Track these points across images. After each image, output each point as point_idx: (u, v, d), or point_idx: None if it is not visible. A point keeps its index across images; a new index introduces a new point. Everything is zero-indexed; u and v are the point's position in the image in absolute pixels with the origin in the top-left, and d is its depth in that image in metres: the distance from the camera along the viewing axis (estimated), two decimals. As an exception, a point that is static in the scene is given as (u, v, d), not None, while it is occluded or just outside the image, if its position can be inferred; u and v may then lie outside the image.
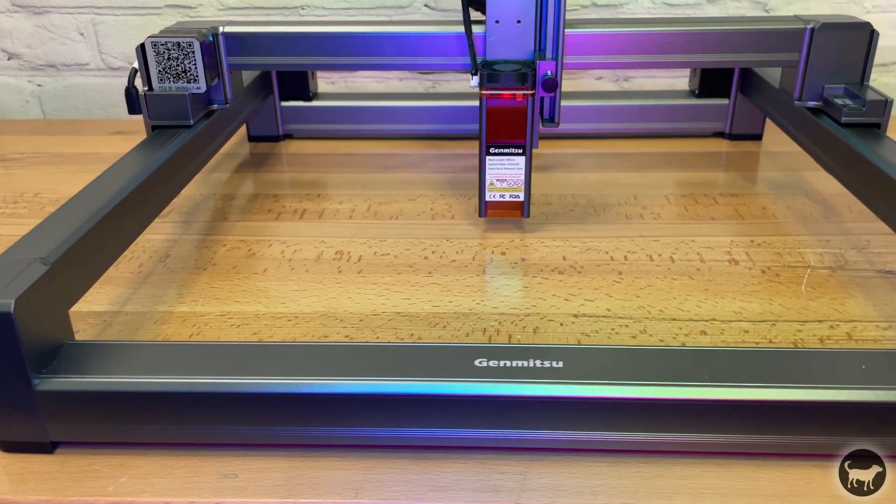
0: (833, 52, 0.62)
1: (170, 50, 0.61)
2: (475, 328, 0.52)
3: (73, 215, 0.47)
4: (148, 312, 0.54)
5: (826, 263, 0.59)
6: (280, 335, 0.51)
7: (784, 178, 0.75)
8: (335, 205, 0.71)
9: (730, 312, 0.53)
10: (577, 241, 0.63)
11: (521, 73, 0.59)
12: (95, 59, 0.99)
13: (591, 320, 0.52)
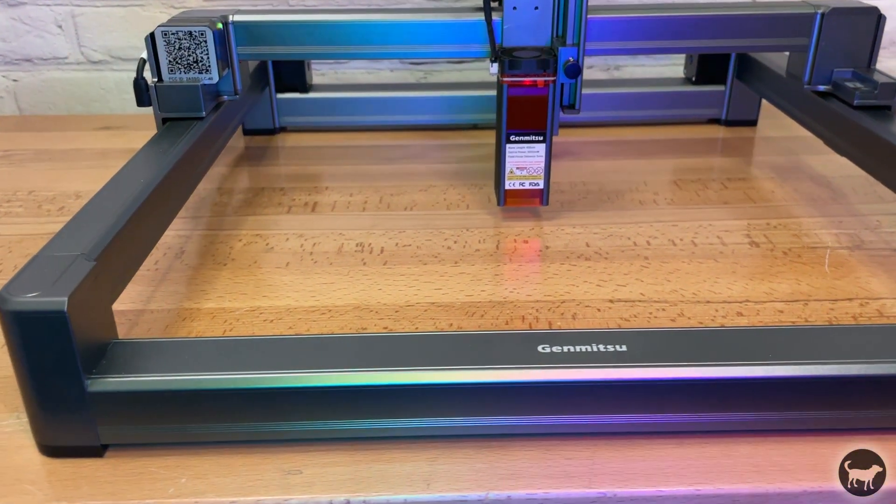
0: (842, 36, 0.63)
1: (181, 39, 0.59)
2: (513, 316, 0.51)
3: (105, 210, 0.45)
4: (174, 309, 0.52)
5: (843, 244, 0.60)
6: (317, 329, 0.50)
7: (786, 163, 0.76)
8: (346, 197, 0.70)
9: (761, 293, 0.54)
10: (597, 227, 0.63)
11: (542, 60, 0.59)
12: (75, 53, 0.96)
13: (628, 305, 0.52)
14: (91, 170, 0.77)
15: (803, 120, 0.68)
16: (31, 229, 0.64)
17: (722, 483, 0.38)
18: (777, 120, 0.87)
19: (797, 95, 0.68)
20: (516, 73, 0.59)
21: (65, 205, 0.69)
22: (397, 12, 0.64)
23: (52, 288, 0.37)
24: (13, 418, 0.42)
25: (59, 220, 0.65)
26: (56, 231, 0.43)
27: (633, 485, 0.38)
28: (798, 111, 0.68)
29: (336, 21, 0.63)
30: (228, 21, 0.62)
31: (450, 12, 0.64)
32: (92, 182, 0.73)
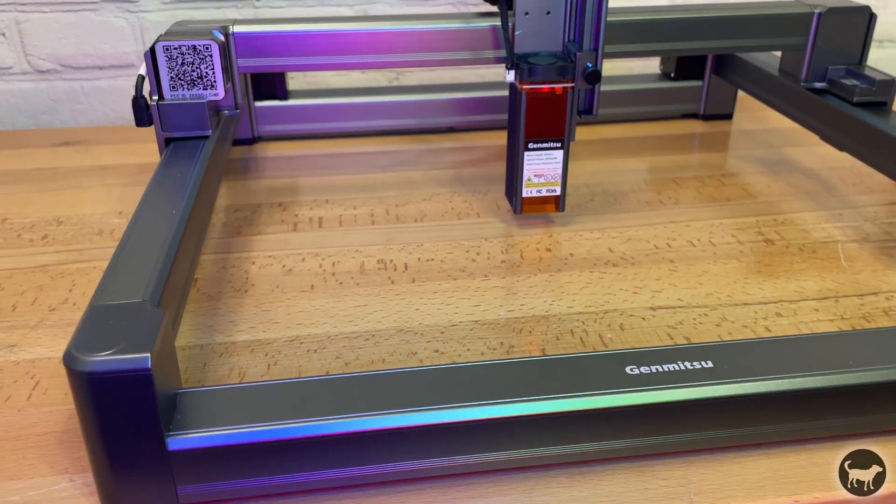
0: (837, 34, 0.65)
1: (184, 54, 0.55)
2: (562, 330, 0.51)
3: (148, 249, 0.42)
4: (207, 345, 0.49)
5: (851, 237, 0.62)
6: (366, 356, 0.48)
7: (772, 156, 0.78)
8: (350, 210, 0.68)
9: (791, 292, 0.55)
10: (614, 231, 0.63)
11: (561, 67, 0.58)
12: (20, 62, 0.89)
13: (670, 312, 0.53)
14: (64, 192, 0.72)
15: (798, 117, 0.70)
16: (17, 262, 0.59)
17: (817, 492, 0.38)
18: (751, 113, 0.89)
19: (792, 92, 0.69)
20: (535, 80, 0.58)
21: (47, 233, 0.64)
22: (406, 20, 0.62)
23: (131, 344, 0.34)
24: (65, 481, 0.39)
25: (46, 251, 0.61)
26: (48, 263, 0.40)
27: (734, 501, 0.38)
28: (793, 108, 0.70)
29: (345, 30, 0.61)
30: (229, 33, 0.59)
31: (459, 19, 0.63)
32: (69, 206, 0.68)
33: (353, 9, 0.91)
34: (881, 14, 1.00)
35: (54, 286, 0.56)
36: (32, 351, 0.49)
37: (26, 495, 0.38)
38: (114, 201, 0.69)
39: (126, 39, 0.89)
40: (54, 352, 0.49)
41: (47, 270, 0.58)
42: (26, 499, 0.38)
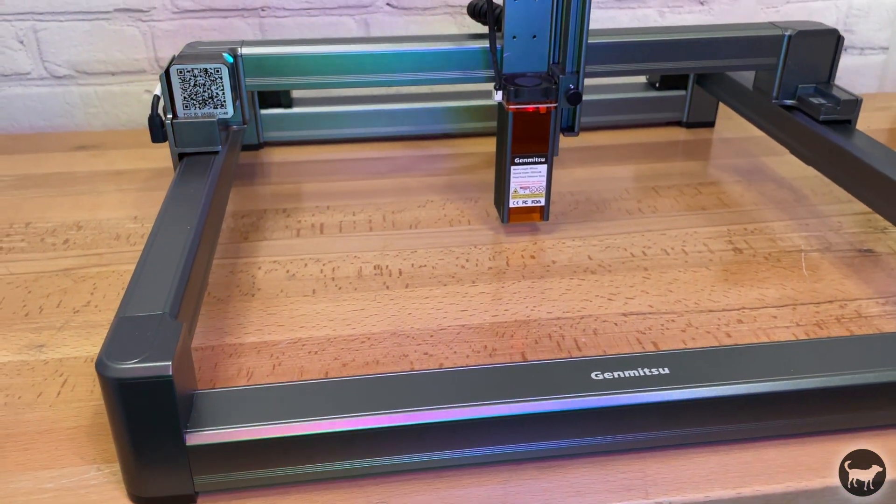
0: (806, 55, 0.70)
1: (196, 76, 0.60)
2: (541, 334, 0.56)
3: (166, 262, 0.47)
4: (218, 346, 0.55)
5: (814, 246, 0.67)
6: (362, 358, 0.53)
7: (748, 165, 0.83)
8: (350, 216, 0.72)
9: (753, 300, 0.60)
10: (594, 239, 0.68)
11: (545, 88, 0.63)
12: (38, 68, 0.93)
13: (640, 318, 0.58)
14: (82, 196, 0.77)
15: (770, 131, 0.74)
16: (41, 266, 0.64)
17: (759, 485, 0.44)
18: (732, 121, 0.93)
19: (764, 108, 0.74)
20: (521, 101, 0.63)
21: (69, 237, 0.69)
22: (403, 41, 0.67)
23: (154, 353, 0.39)
24: (94, 470, 0.44)
25: (68, 254, 0.66)
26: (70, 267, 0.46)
27: (684, 493, 0.43)
28: (766, 123, 0.74)
29: (344, 51, 0.65)
30: (238, 54, 0.64)
31: (453, 41, 0.67)
32: (87, 210, 0.73)
33: (354, 19, 0.95)
34: (863, 22, 1.04)
35: (77, 289, 0.61)
36: (60, 351, 0.54)
37: (59, 483, 0.43)
38: (129, 206, 0.74)
39: (138, 47, 0.93)
40: (79, 352, 0.54)
41: (70, 274, 0.63)
42: (59, 486, 0.43)
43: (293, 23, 0.95)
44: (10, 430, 0.47)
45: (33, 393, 0.50)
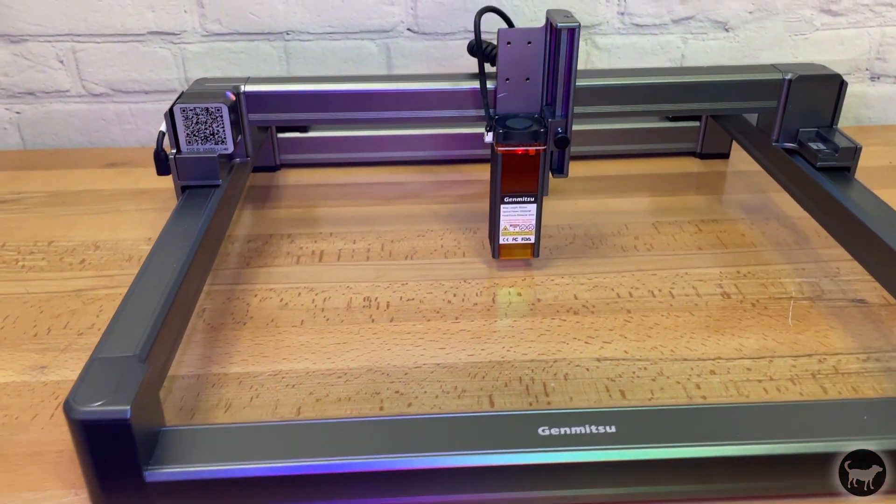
0: (807, 99, 0.69)
1: (198, 115, 0.63)
2: (513, 377, 0.57)
3: (147, 303, 0.50)
4: (203, 375, 0.58)
5: (805, 294, 0.66)
6: (335, 394, 0.56)
7: (755, 201, 0.82)
8: (350, 244, 0.75)
9: (731, 350, 0.60)
10: (583, 277, 0.69)
11: (534, 132, 0.64)
12: (76, 86, 0.99)
13: (613, 364, 0.58)
14: (105, 215, 0.81)
15: (772, 171, 0.74)
16: (56, 286, 0.69)
17: (696, 547, 0.44)
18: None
19: (766, 149, 0.73)
20: (510, 143, 0.64)
21: (85, 257, 0.73)
22: (401, 80, 0.69)
23: (114, 396, 0.42)
24: (72, 495, 0.48)
25: (82, 275, 0.70)
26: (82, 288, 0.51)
27: (621, 550, 0.44)
28: (767, 163, 0.74)
29: (341, 90, 0.68)
30: (241, 91, 0.67)
31: (449, 80, 0.69)
32: (108, 230, 0.78)
33: (375, 43, 0.97)
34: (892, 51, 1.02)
35: (85, 311, 0.65)
36: (59, 373, 0.58)
37: (41, 504, 0.47)
38: (146, 227, 0.78)
39: (169, 68, 0.98)
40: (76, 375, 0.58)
41: (81, 295, 0.67)
42: (41, 507, 0.47)
43: (317, 46, 0.98)
44: (2, 451, 0.51)
45: (29, 414, 0.54)
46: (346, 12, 0.95)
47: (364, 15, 0.96)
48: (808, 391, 0.56)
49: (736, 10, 0.99)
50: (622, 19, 0.98)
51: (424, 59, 0.99)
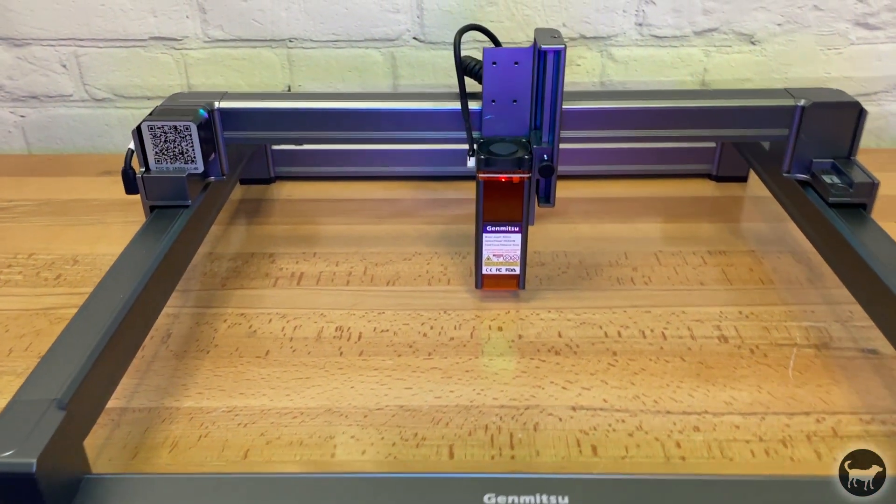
0: (822, 128, 0.63)
1: (166, 133, 0.61)
2: (477, 425, 0.53)
3: (83, 337, 0.48)
4: (155, 409, 0.55)
5: (811, 341, 0.61)
6: (288, 436, 0.53)
7: (770, 232, 0.77)
8: (332, 266, 0.72)
9: (721, 403, 0.55)
10: (571, 312, 0.65)
11: (517, 159, 0.60)
12: (79, 91, 0.98)
13: (589, 414, 0.54)
14: (90, 227, 0.80)
15: (783, 203, 0.68)
16: (27, 303, 0.67)
17: None
18: (768, 176, 0.87)
19: (777, 179, 0.68)
20: (492, 170, 0.60)
21: (62, 272, 0.71)
22: (384, 99, 0.65)
23: (22, 447, 0.39)
24: (-2, 537, 0.46)
25: (55, 292, 0.68)
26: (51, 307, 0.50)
27: None
28: (779, 193, 0.68)
29: (319, 108, 0.65)
30: (214, 108, 0.64)
31: (433, 100, 0.65)
32: (89, 243, 0.76)
33: (381, 52, 0.94)
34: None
35: (49, 331, 0.63)
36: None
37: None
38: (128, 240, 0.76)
39: (171, 74, 0.96)
40: (28, 402, 0.56)
41: (48, 314, 0.65)
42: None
43: (320, 55, 0.95)
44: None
45: (-29, 445, 0.52)
46: (351, 20, 0.92)
47: (369, 23, 0.92)
48: (800, 456, 0.50)
49: (763, 21, 0.93)
50: (640, 30, 0.93)
51: (431, 69, 0.95)
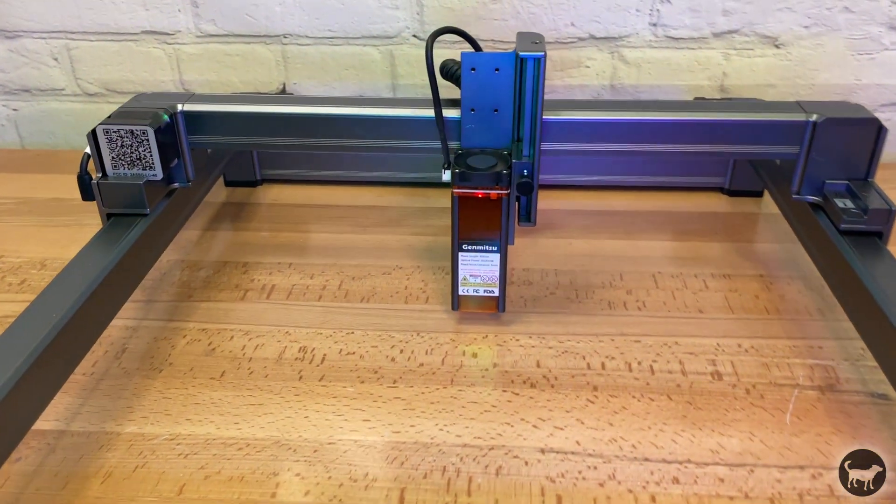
0: (836, 146, 0.57)
1: (122, 137, 0.57)
2: (436, 466, 0.49)
3: (7, 356, 0.44)
4: (94, 433, 0.52)
5: (815, 381, 0.55)
6: (228, 471, 0.49)
7: (781, 255, 0.71)
8: (306, 279, 0.68)
9: (706, 451, 0.50)
10: (554, 339, 0.60)
11: (495, 174, 0.55)
12: (71, 85, 0.95)
13: (559, 459, 0.49)
14: (65, 228, 0.77)
15: (793, 225, 0.62)
16: (-14, 309, 0.64)
17: None
18: (786, 192, 0.80)
19: (788, 199, 0.62)
20: (468, 185, 0.55)
21: (27, 277, 0.68)
22: (358, 105, 0.61)
23: None
24: None
25: (16, 299, 0.65)
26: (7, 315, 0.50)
27: None
28: (790, 215, 0.62)
29: (290, 112, 0.60)
30: (177, 111, 0.60)
31: (413, 106, 0.60)
32: (60, 247, 0.73)
33: (379, 50, 0.90)
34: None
35: (2, 342, 0.60)
36: (-53, 418, 0.53)
37: None
38: (101, 245, 0.73)
39: (164, 69, 0.93)
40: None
41: (5, 322, 0.62)
42: None
43: (316, 51, 0.91)
44: None
45: None
46: (347, 16, 0.88)
47: (366, 19, 0.88)
48: (789, 519, 0.45)
49: (789, 23, 0.86)
50: (655, 31, 0.87)
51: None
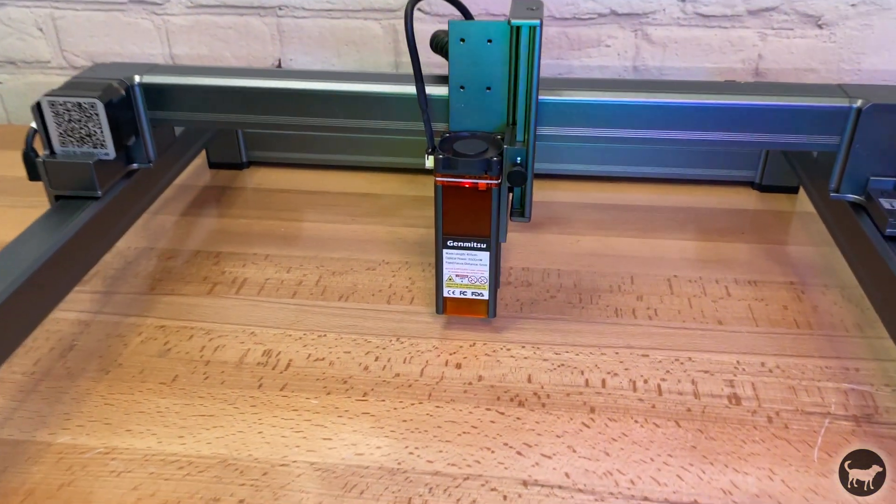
0: (883, 138, 0.49)
1: (70, 111, 0.51)
2: (402, 497, 0.42)
3: None
4: (23, 443, 0.46)
5: (850, 409, 0.48)
6: (164, 493, 0.43)
7: (817, 259, 0.62)
8: (282, 273, 0.62)
9: (716, 491, 0.42)
10: (550, 350, 0.53)
11: (484, 161, 0.48)
12: (57, 58, 0.90)
13: (542, 494, 0.42)
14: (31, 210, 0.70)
15: (830, 227, 0.54)
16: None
17: None
18: (824, 188, 0.72)
19: (826, 197, 0.54)
20: (452, 172, 0.48)
21: (-17, 262, 0.63)
22: (337, 79, 0.54)
23: None
24: None
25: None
26: None
27: None
28: (827, 215, 0.54)
29: (261, 86, 0.54)
30: (134, 83, 0.54)
31: (397, 82, 0.54)
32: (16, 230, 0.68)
33: (380, 24, 0.83)
34: None
35: (-57, 334, 0.55)
36: None
37: None
38: (69, 229, 0.68)
39: (153, 41, 0.87)
40: None
41: (-50, 313, 0.57)
42: None
43: (313, 25, 0.84)
44: None
45: None
46: (347, -14, 0.81)
47: (367, -10, 0.81)
48: (812, 581, 0.38)
49: (834, 1, 0.77)
50: (684, 7, 0.79)
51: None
